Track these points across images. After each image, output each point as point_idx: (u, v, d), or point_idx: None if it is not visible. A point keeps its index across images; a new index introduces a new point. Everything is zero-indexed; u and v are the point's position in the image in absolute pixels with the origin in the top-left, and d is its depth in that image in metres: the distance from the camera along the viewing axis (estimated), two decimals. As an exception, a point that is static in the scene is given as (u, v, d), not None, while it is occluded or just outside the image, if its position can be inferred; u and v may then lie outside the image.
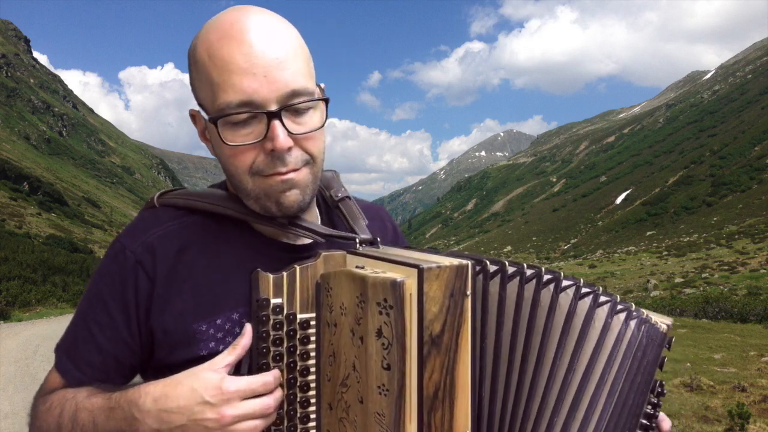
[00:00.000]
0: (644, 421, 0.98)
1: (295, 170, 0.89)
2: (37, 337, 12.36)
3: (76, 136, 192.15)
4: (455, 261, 0.77)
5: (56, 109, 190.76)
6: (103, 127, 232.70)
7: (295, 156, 0.89)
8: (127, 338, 0.92)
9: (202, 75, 0.88)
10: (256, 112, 0.85)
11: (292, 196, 0.91)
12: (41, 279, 24.34)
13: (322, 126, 0.92)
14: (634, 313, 0.89)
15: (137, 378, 0.99)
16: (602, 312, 0.85)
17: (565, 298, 0.83)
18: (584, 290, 0.84)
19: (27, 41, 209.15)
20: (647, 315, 0.92)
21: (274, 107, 0.85)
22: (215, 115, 0.86)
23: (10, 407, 6.74)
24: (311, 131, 0.90)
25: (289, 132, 0.87)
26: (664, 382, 1.02)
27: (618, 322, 0.86)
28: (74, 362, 0.93)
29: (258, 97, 0.84)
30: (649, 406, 0.98)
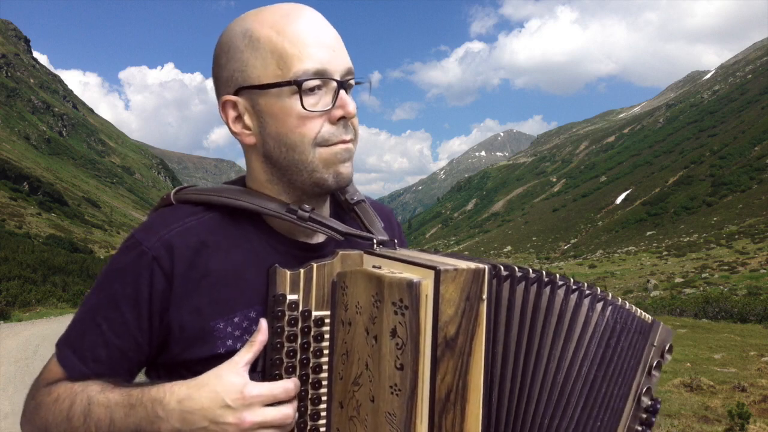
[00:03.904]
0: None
1: (352, 141, 0.95)
2: (37, 337, 12.34)
3: (76, 136, 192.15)
4: (472, 264, 0.77)
5: (56, 109, 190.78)
6: (103, 127, 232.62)
7: (352, 129, 0.95)
8: (136, 335, 0.91)
9: (265, 51, 0.89)
10: (328, 79, 0.90)
11: (349, 168, 0.96)
12: (41, 279, 24.37)
13: None
14: (600, 295, 0.90)
15: (140, 375, 0.98)
16: (577, 302, 0.88)
17: (558, 299, 0.86)
18: (573, 287, 0.87)
19: (27, 41, 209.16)
20: (622, 302, 0.93)
21: (339, 79, 0.92)
22: (292, 78, 0.89)
23: (10, 407, 6.72)
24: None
25: None
26: (660, 399, 1.00)
27: (588, 308, 0.88)
28: (80, 357, 0.92)
29: (330, 67, 0.90)
30: (643, 413, 0.96)
